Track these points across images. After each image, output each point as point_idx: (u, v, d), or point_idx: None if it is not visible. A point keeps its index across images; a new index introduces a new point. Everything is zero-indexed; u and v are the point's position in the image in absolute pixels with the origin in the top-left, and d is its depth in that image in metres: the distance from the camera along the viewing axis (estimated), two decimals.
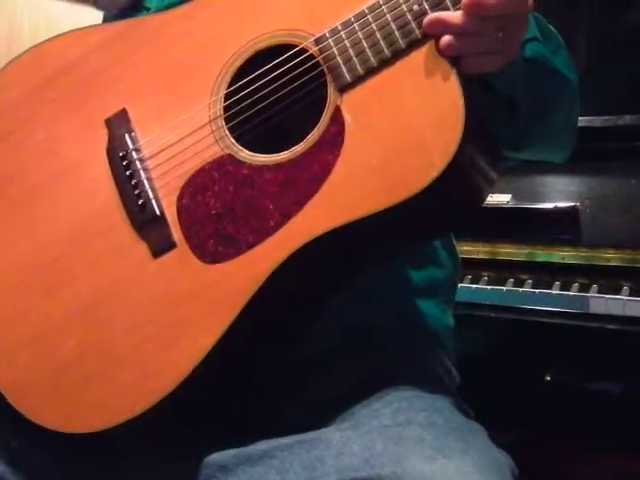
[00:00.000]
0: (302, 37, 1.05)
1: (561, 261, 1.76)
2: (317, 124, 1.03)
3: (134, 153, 1.11)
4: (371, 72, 1.01)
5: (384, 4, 1.01)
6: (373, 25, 1.01)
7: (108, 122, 1.14)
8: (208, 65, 1.10)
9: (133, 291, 1.07)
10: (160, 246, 1.07)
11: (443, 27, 0.97)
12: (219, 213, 1.05)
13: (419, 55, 0.99)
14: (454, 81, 0.97)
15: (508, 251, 1.82)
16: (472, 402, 1.15)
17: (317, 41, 1.04)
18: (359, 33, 1.02)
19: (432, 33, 0.98)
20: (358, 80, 1.01)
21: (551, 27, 1.22)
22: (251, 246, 1.02)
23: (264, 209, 1.03)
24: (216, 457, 1.02)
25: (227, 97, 1.09)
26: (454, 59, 0.98)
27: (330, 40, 1.03)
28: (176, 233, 1.07)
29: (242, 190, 1.05)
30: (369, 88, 1.01)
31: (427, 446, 0.93)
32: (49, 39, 1.23)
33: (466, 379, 1.30)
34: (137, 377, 1.04)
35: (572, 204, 1.77)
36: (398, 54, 1.00)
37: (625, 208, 1.71)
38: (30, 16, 2.39)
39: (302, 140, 1.03)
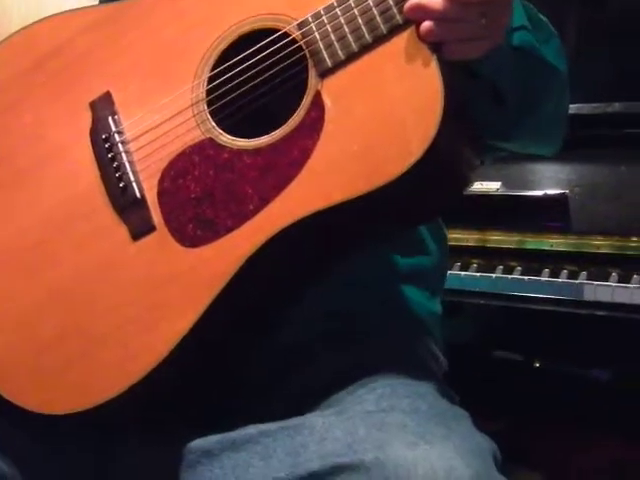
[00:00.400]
0: (285, 21, 1.05)
1: (550, 248, 1.75)
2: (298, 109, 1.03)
3: (116, 135, 1.11)
4: (352, 57, 1.00)
5: None
6: (355, 10, 1.01)
7: (92, 105, 1.14)
8: (193, 48, 1.10)
9: (114, 274, 1.07)
10: (140, 229, 1.07)
11: (423, 12, 0.97)
12: (199, 197, 1.05)
13: (400, 41, 0.99)
14: (434, 67, 0.96)
15: (497, 238, 1.81)
16: (462, 390, 1.15)
17: (300, 25, 1.04)
18: (341, 18, 1.01)
19: (413, 18, 0.98)
20: (339, 65, 1.01)
21: (542, 16, 1.21)
22: (230, 230, 1.02)
23: (243, 193, 1.03)
24: (200, 443, 1.02)
25: (210, 81, 1.08)
26: (435, 45, 0.97)
27: (312, 25, 1.03)
28: (156, 216, 1.07)
29: (222, 174, 1.05)
30: (350, 73, 1.01)
31: (409, 432, 0.93)
32: (39, 20, 1.22)
33: (455, 366, 1.30)
34: (119, 357, 1.04)
35: (562, 191, 1.76)
36: (379, 39, 1.00)
37: (614, 195, 1.71)
38: (19, 3, 2.39)
39: (283, 125, 1.03)
